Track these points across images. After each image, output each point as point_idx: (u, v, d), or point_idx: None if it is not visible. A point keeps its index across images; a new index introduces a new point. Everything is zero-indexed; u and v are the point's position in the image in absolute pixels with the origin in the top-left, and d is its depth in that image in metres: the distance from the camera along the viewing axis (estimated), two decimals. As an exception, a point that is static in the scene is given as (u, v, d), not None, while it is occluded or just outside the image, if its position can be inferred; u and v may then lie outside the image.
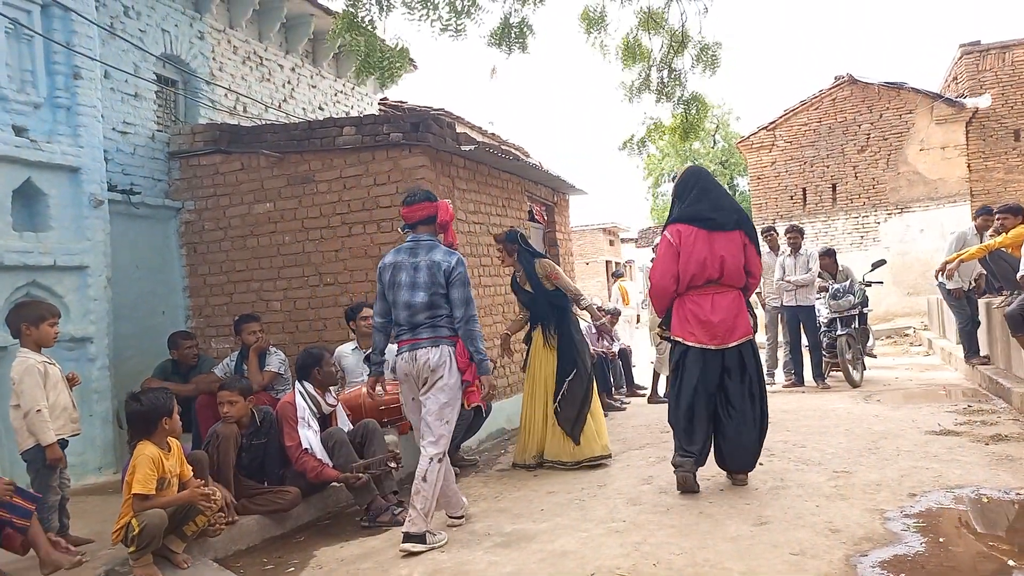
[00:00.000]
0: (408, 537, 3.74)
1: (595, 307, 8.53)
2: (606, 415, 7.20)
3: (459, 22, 6.00)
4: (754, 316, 4.54)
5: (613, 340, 8.93)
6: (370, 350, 4.38)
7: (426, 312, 3.94)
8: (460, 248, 5.54)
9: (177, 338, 5.65)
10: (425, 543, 3.73)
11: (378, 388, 4.31)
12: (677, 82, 7.79)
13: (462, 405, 4.06)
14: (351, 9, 5.57)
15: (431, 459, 3.83)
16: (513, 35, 6.64)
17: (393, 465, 4.58)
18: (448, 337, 3.96)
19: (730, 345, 4.32)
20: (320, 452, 4.43)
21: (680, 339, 4.38)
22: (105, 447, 5.59)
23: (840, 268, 9.03)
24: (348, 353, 5.54)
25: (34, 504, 3.44)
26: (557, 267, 5.61)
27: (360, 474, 4.35)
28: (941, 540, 3.41)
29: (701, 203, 4.41)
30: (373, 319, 4.21)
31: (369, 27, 5.62)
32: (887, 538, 3.42)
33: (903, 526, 3.57)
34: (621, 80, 8.17)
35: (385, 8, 5.67)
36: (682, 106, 7.97)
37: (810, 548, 3.32)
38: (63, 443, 3.89)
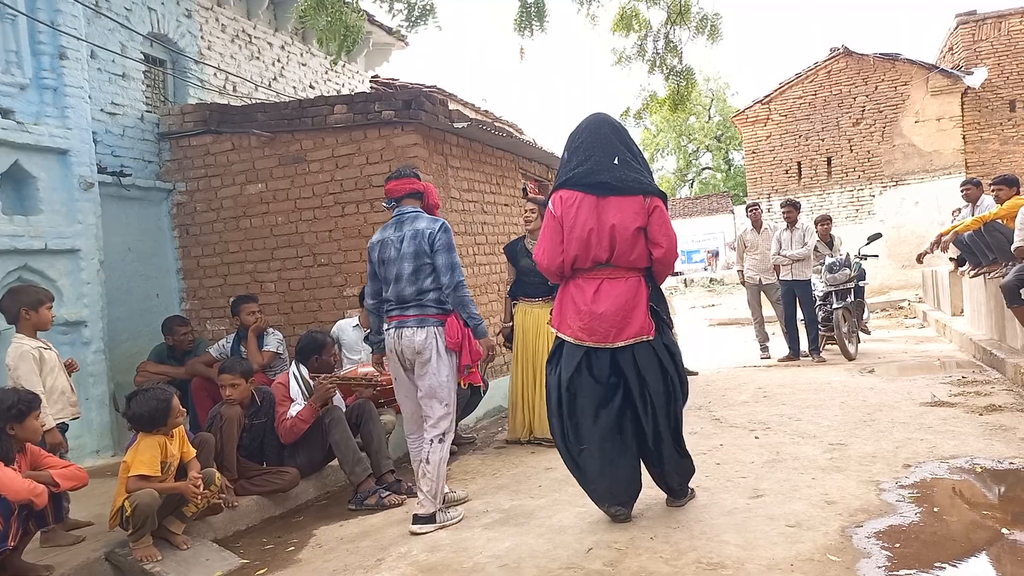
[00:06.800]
0: (416, 519, 3.74)
1: None
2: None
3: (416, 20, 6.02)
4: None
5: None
6: (368, 331, 4.37)
7: (413, 286, 3.81)
8: (453, 226, 5.48)
9: (172, 324, 5.62)
10: (434, 522, 3.73)
11: (370, 368, 4.38)
12: (673, 53, 7.76)
13: (459, 384, 3.97)
14: None
15: (431, 440, 3.78)
16: (533, 17, 6.60)
17: (372, 382, 4.66)
18: (435, 316, 3.82)
19: (617, 345, 3.45)
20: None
21: (555, 330, 3.58)
22: (102, 430, 5.58)
23: (833, 237, 9.06)
24: (349, 329, 5.53)
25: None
26: None
27: (328, 384, 4.44)
28: (936, 510, 3.44)
29: (590, 161, 3.48)
30: (366, 301, 4.12)
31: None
32: (883, 509, 3.45)
33: (898, 497, 3.60)
34: (612, 47, 8.16)
35: None
36: (674, 78, 7.97)
37: (806, 520, 3.34)
38: (63, 427, 3.89)
